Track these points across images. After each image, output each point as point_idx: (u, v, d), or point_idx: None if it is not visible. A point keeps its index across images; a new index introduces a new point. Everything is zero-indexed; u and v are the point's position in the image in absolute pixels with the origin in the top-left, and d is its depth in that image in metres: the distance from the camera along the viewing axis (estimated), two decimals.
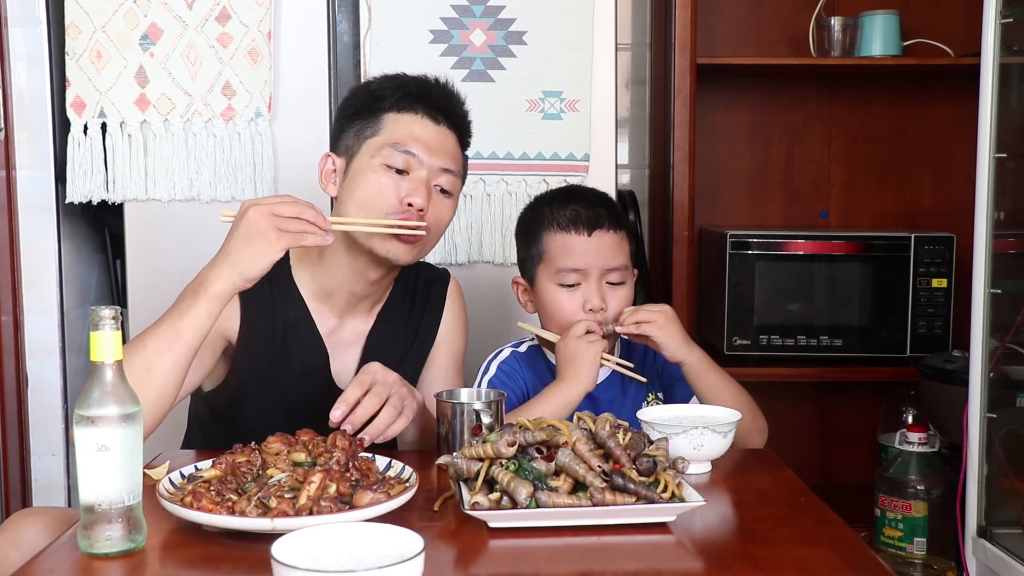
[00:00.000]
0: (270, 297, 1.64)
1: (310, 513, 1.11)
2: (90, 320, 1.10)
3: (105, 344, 1.09)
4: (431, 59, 2.20)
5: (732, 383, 1.71)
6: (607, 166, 2.28)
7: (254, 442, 1.30)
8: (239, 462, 1.24)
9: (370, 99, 1.66)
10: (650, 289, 2.58)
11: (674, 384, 1.79)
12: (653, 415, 1.49)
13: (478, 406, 1.43)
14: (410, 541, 0.97)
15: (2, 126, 2.22)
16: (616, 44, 2.27)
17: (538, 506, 1.15)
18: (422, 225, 1.56)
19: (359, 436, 1.35)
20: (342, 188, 1.64)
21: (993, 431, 2.00)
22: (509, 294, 1.95)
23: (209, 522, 1.12)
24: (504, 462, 1.20)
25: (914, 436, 2.19)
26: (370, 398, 1.42)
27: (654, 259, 2.67)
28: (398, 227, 1.55)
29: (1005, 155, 1.97)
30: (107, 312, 1.09)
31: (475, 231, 2.26)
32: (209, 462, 1.26)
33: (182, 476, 1.24)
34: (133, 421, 1.10)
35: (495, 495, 1.18)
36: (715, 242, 2.56)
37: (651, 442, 1.27)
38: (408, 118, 1.63)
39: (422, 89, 1.66)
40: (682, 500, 1.19)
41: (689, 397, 1.76)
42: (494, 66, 2.23)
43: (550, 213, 1.75)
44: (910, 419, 2.46)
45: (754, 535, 1.18)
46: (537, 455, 1.22)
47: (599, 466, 1.18)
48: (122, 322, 1.13)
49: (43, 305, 2.30)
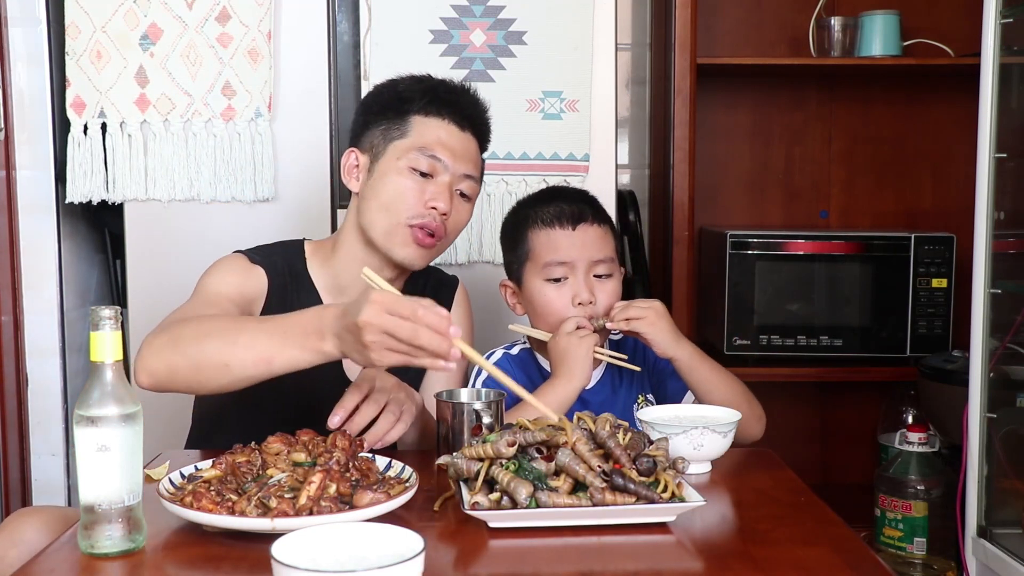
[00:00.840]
0: (289, 287, 1.66)
1: (310, 513, 1.11)
2: (90, 320, 1.10)
3: (105, 344, 1.09)
4: (431, 59, 2.20)
5: (725, 375, 1.71)
6: (607, 166, 2.28)
7: (254, 442, 1.30)
8: (239, 462, 1.24)
9: (397, 99, 1.67)
10: (650, 289, 2.58)
11: (665, 379, 1.80)
12: (653, 415, 1.49)
13: (478, 406, 1.43)
14: (410, 541, 0.97)
15: (2, 126, 2.22)
16: (616, 44, 2.27)
17: (538, 506, 1.15)
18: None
19: (359, 437, 1.35)
20: (366, 187, 1.66)
21: (993, 431, 2.00)
22: None
23: (209, 522, 1.12)
24: (504, 462, 1.20)
25: (914, 436, 2.19)
26: (368, 404, 1.42)
27: (654, 259, 2.67)
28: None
29: (1005, 155, 1.98)
30: (107, 312, 1.09)
31: (475, 231, 2.26)
32: (209, 462, 1.26)
33: (182, 476, 1.25)
34: (133, 421, 1.10)
35: (495, 495, 1.18)
36: (715, 242, 2.56)
37: (651, 442, 1.27)
38: (435, 122, 1.65)
39: (450, 95, 1.68)
40: (682, 500, 1.19)
41: (681, 391, 1.76)
42: (494, 66, 2.23)
43: (533, 213, 1.76)
44: (910, 419, 2.46)
45: (754, 535, 1.18)
46: (537, 455, 1.22)
47: (599, 466, 1.18)
48: (122, 322, 1.13)
49: (43, 305, 2.30)
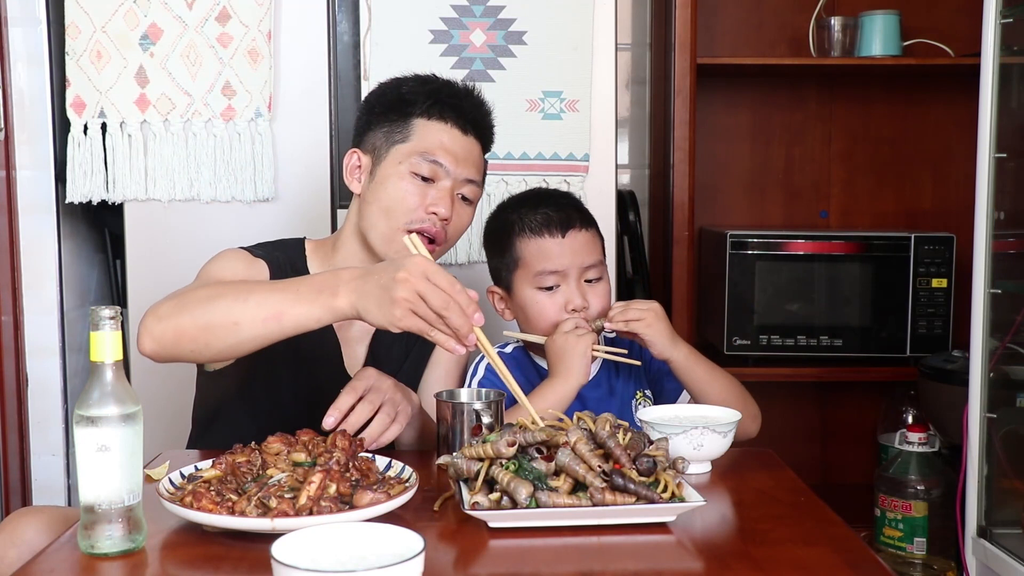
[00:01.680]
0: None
1: (310, 513, 1.11)
2: (90, 320, 1.10)
3: (105, 344, 1.09)
4: (431, 59, 2.20)
5: (720, 374, 1.71)
6: (607, 166, 2.28)
7: (254, 442, 1.30)
8: (239, 462, 1.24)
9: (400, 101, 1.66)
10: (650, 289, 2.58)
11: (662, 378, 1.80)
12: (653, 415, 1.49)
13: (478, 406, 1.43)
14: (410, 541, 0.97)
15: (2, 126, 2.22)
16: (616, 44, 2.27)
17: (538, 506, 1.15)
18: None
19: (358, 437, 1.35)
20: (368, 189, 1.66)
21: (993, 431, 2.00)
22: None
23: (209, 522, 1.12)
24: (504, 462, 1.19)
25: (914, 436, 2.20)
26: (363, 405, 1.41)
27: (654, 259, 2.67)
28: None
29: (1005, 155, 1.98)
30: (107, 312, 1.09)
31: (475, 231, 2.25)
32: (209, 462, 1.26)
33: (182, 476, 1.24)
34: (133, 421, 1.10)
35: (495, 495, 1.18)
36: (715, 242, 2.56)
37: (651, 442, 1.27)
38: (437, 126, 1.64)
39: (453, 98, 1.67)
40: (682, 500, 1.19)
41: (677, 390, 1.77)
42: (494, 66, 2.23)
43: (519, 219, 1.75)
44: (910, 419, 2.46)
45: (754, 535, 1.18)
46: (537, 455, 1.22)
47: (599, 466, 1.18)
48: (122, 322, 1.13)
49: (43, 305, 2.30)
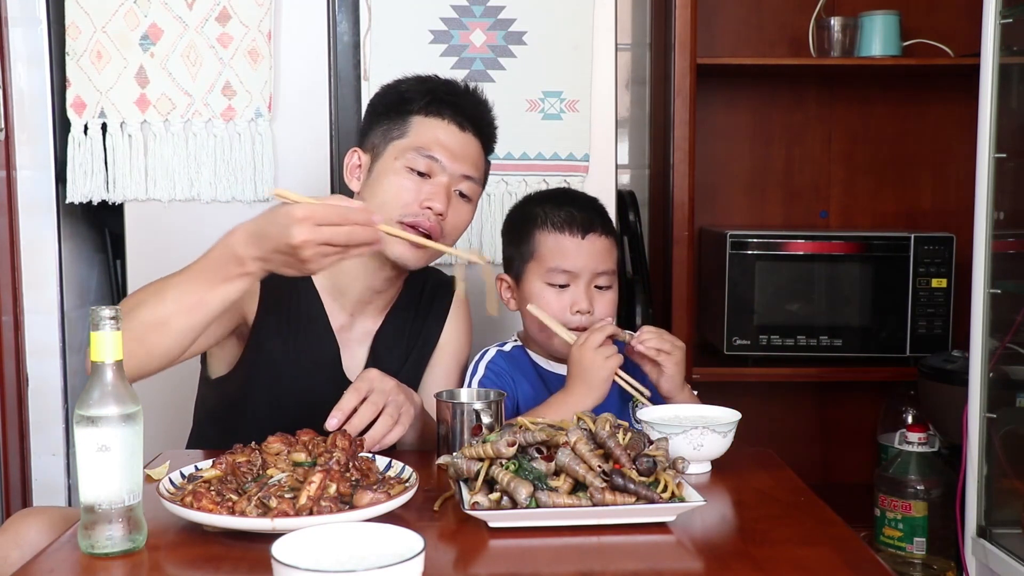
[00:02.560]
0: (286, 285, 1.64)
1: (310, 513, 1.11)
2: (90, 320, 1.10)
3: (105, 344, 1.09)
4: (431, 59, 2.20)
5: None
6: (607, 166, 2.28)
7: (254, 442, 1.30)
8: (239, 462, 1.24)
9: (399, 100, 1.67)
10: (650, 289, 2.58)
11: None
12: (653, 415, 1.49)
13: (478, 406, 1.43)
14: (410, 541, 0.97)
15: (2, 126, 2.22)
16: (616, 44, 2.27)
17: (538, 506, 1.15)
18: (431, 243, 1.56)
19: (359, 438, 1.35)
20: (365, 186, 1.67)
21: (993, 431, 2.00)
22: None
23: (209, 522, 1.12)
24: (504, 462, 1.20)
25: (914, 436, 2.19)
26: (367, 406, 1.42)
27: (654, 259, 2.67)
28: (411, 229, 1.57)
29: (1005, 155, 1.98)
30: (107, 312, 1.09)
31: (475, 231, 2.26)
32: (209, 462, 1.26)
33: (182, 476, 1.25)
34: (133, 421, 1.10)
35: (495, 495, 1.18)
36: (715, 242, 2.56)
37: (651, 442, 1.27)
38: (434, 123, 1.65)
39: (451, 95, 1.68)
40: (682, 500, 1.19)
41: None
42: (494, 66, 2.23)
43: (543, 213, 1.75)
44: (910, 419, 2.46)
45: (754, 535, 1.18)
46: (537, 455, 1.22)
47: (599, 466, 1.18)
48: (122, 322, 1.13)
49: (43, 305, 2.30)
